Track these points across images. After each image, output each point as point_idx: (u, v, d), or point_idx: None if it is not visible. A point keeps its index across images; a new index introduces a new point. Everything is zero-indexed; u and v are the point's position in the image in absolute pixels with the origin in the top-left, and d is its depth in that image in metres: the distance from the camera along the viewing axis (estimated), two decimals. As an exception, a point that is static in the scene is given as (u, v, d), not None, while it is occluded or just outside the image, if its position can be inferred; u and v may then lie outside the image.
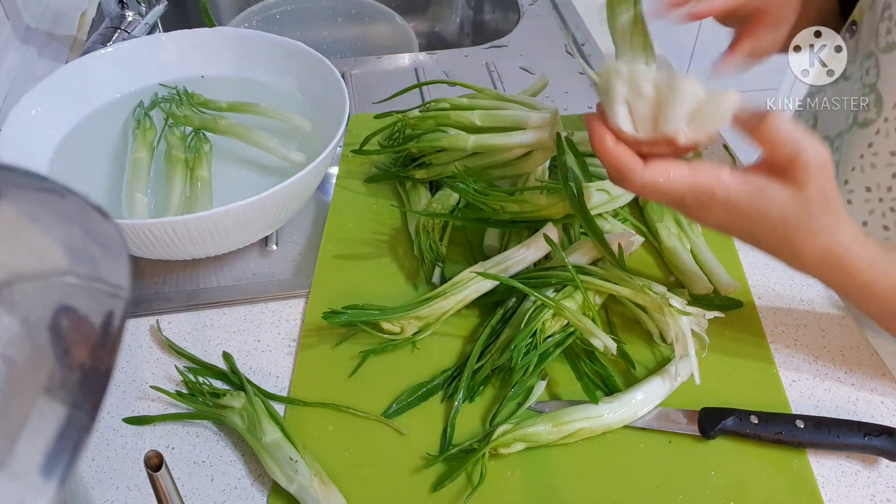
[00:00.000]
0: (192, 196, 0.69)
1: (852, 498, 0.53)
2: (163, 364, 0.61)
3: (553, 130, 0.65)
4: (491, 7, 1.23)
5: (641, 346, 0.61)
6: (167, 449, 0.55)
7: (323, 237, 0.70)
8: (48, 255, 0.26)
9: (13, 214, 0.26)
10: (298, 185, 0.62)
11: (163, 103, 0.77)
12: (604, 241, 0.61)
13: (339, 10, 1.19)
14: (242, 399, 0.55)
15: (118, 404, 0.58)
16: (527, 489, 0.52)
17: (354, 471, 0.53)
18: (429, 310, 0.60)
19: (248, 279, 0.68)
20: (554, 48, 1.02)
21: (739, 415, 0.55)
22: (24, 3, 0.98)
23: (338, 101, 0.71)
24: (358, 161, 0.78)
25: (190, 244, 0.61)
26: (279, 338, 0.63)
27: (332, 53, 1.17)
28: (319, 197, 0.77)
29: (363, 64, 0.97)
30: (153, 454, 0.38)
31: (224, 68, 0.82)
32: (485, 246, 0.68)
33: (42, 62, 0.95)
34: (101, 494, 0.52)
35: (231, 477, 0.53)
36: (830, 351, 0.63)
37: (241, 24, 1.12)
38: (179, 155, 0.71)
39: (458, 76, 0.93)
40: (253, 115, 0.76)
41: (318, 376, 0.59)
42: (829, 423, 0.54)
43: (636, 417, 0.55)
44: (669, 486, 0.52)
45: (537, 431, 0.53)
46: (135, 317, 0.64)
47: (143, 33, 0.93)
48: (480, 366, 0.58)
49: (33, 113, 0.70)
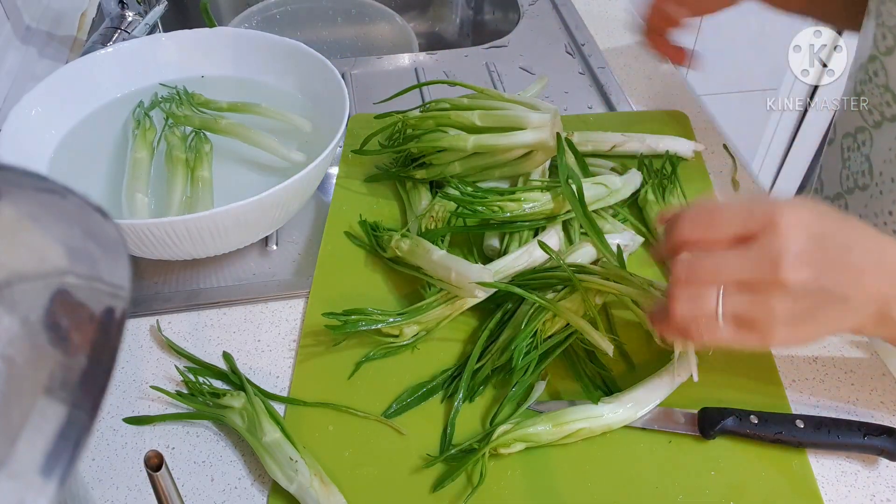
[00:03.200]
0: (193, 196, 0.69)
1: (852, 498, 0.53)
2: (163, 364, 0.61)
3: (553, 130, 0.65)
4: (491, 7, 1.23)
5: (641, 346, 0.61)
6: (167, 449, 0.55)
7: (323, 237, 0.70)
8: (48, 255, 0.26)
9: (13, 214, 0.26)
10: (298, 185, 0.62)
11: (163, 103, 0.77)
12: (604, 240, 0.61)
13: (339, 10, 1.19)
14: (242, 399, 0.55)
15: (118, 404, 0.58)
16: (527, 489, 0.52)
17: (354, 471, 0.53)
18: (428, 315, 0.60)
19: (248, 279, 0.68)
20: (554, 48, 1.01)
21: (739, 415, 0.55)
22: (25, 4, 0.98)
23: (338, 101, 0.71)
24: (358, 161, 0.78)
25: (190, 244, 0.61)
26: (279, 338, 0.63)
27: (332, 53, 1.17)
28: (319, 197, 0.77)
29: (363, 64, 0.97)
30: (153, 454, 0.38)
31: (224, 68, 0.82)
32: (485, 246, 0.68)
33: (42, 62, 0.95)
34: (101, 494, 0.52)
35: (231, 477, 0.53)
36: (830, 351, 0.63)
37: (241, 24, 1.12)
38: (180, 155, 0.71)
39: (458, 76, 0.93)
40: (253, 116, 0.76)
41: (318, 376, 0.59)
42: (828, 423, 0.54)
43: (636, 418, 0.55)
44: (669, 486, 0.52)
45: (537, 431, 0.53)
46: (135, 317, 0.64)
47: (143, 33, 0.93)
48: (480, 366, 0.58)
49: (33, 113, 0.70)
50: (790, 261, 0.41)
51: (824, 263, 0.42)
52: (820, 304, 0.43)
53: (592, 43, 1.01)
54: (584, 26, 1.05)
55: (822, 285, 0.42)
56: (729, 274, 0.43)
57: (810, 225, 0.42)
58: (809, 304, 0.43)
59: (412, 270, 0.63)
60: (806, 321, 0.43)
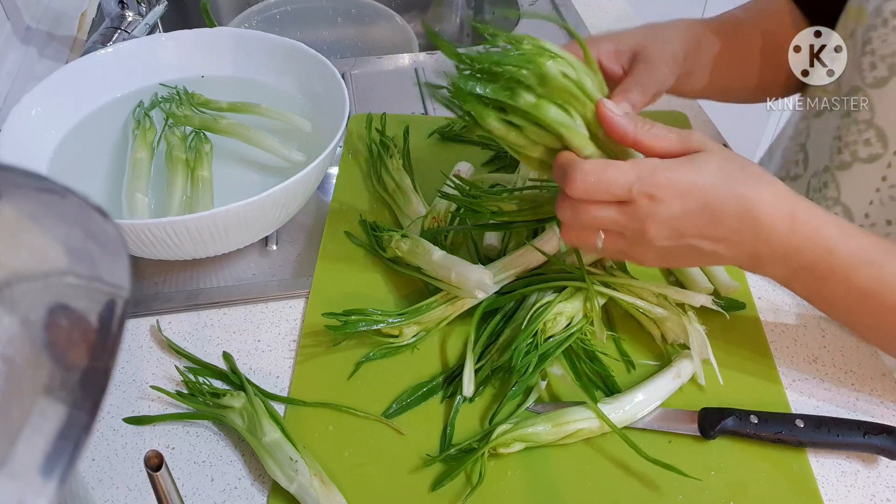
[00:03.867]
0: (193, 196, 0.69)
1: (852, 497, 0.53)
2: (163, 364, 0.61)
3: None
4: (491, 7, 1.23)
5: (641, 346, 0.61)
6: (167, 449, 0.55)
7: (323, 237, 0.70)
8: (48, 255, 0.26)
9: (13, 214, 0.26)
10: (298, 185, 0.62)
11: (163, 103, 0.77)
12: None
13: (339, 10, 1.19)
14: (242, 399, 0.55)
15: (118, 404, 0.58)
16: (526, 489, 0.52)
17: (354, 471, 0.53)
18: (428, 316, 0.60)
19: (248, 279, 0.68)
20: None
21: (739, 415, 0.55)
22: (25, 4, 0.98)
23: (338, 101, 0.71)
24: (358, 161, 0.78)
25: (190, 244, 0.61)
26: (279, 338, 0.63)
27: (332, 53, 1.17)
28: (319, 197, 0.77)
29: (363, 64, 0.97)
30: (153, 454, 0.38)
31: (224, 68, 0.82)
32: (485, 245, 0.68)
33: (42, 62, 0.95)
34: (101, 494, 0.52)
35: (231, 477, 0.53)
36: (830, 351, 0.63)
37: (241, 24, 1.12)
38: (180, 155, 0.71)
39: (458, 76, 0.93)
40: (253, 116, 0.76)
41: (319, 376, 0.59)
42: (828, 422, 0.54)
43: (636, 419, 0.55)
44: (669, 486, 0.52)
45: (537, 431, 0.53)
46: (135, 317, 0.64)
47: (143, 33, 0.93)
48: (480, 366, 0.58)
49: (33, 113, 0.70)
50: (655, 226, 0.48)
51: (691, 232, 0.48)
52: (689, 252, 0.50)
53: (592, 43, 1.01)
54: (585, 26, 1.05)
55: (687, 244, 0.49)
56: (605, 225, 0.49)
57: (680, 202, 0.47)
58: (678, 253, 0.50)
59: (412, 271, 0.63)
60: (677, 260, 0.51)
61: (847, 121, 0.65)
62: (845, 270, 0.50)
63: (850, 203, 0.67)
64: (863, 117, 0.63)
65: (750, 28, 0.70)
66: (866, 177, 0.64)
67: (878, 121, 0.62)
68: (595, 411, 0.53)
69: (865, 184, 0.65)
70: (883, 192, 0.64)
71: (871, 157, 0.63)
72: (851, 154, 0.65)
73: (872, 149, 0.63)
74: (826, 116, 0.70)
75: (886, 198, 0.64)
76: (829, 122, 0.70)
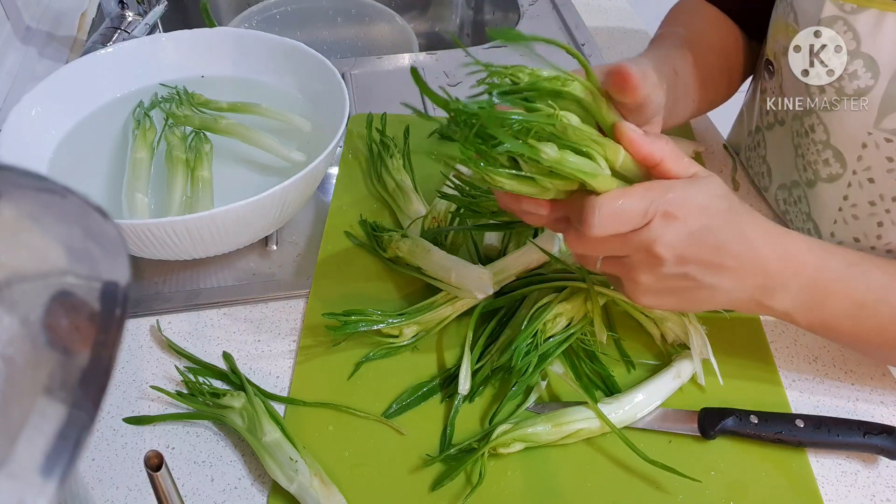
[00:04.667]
0: (193, 196, 0.69)
1: (852, 497, 0.53)
2: (163, 364, 0.61)
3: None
4: (491, 7, 1.23)
5: (642, 346, 0.61)
6: (167, 449, 0.55)
7: (323, 237, 0.70)
8: (48, 255, 0.26)
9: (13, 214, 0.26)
10: (298, 185, 0.62)
11: (163, 103, 0.77)
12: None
13: (339, 10, 1.19)
14: (242, 399, 0.55)
15: (118, 404, 0.58)
16: (526, 489, 0.52)
17: (354, 471, 0.53)
18: (428, 316, 0.60)
19: (248, 279, 0.68)
20: (554, 48, 1.01)
21: (739, 415, 0.55)
22: (25, 4, 0.98)
23: (338, 101, 0.71)
24: (358, 161, 0.78)
25: (190, 244, 0.61)
26: (279, 338, 0.63)
27: (332, 53, 1.17)
28: (319, 197, 0.77)
29: (363, 64, 0.97)
30: (153, 454, 0.38)
31: (224, 68, 0.82)
32: (485, 245, 0.68)
33: (42, 62, 0.95)
34: (101, 494, 0.52)
35: (231, 477, 0.54)
36: (830, 351, 0.63)
37: (241, 24, 1.12)
38: (180, 155, 0.71)
39: (458, 76, 0.93)
40: (253, 116, 0.76)
41: (319, 376, 0.59)
42: (829, 422, 0.54)
43: (636, 419, 0.55)
44: (669, 486, 0.52)
45: (537, 431, 0.53)
46: (135, 317, 0.64)
47: (143, 33, 0.93)
48: (480, 366, 0.58)
49: (33, 113, 0.70)
50: (661, 247, 0.46)
51: (694, 258, 0.47)
52: (685, 287, 0.49)
53: (592, 43, 1.01)
54: (584, 26, 1.05)
55: (687, 273, 0.47)
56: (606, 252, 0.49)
57: (691, 221, 0.46)
58: (674, 284, 0.48)
59: (412, 271, 0.63)
60: (668, 295, 0.49)
61: (806, 140, 0.65)
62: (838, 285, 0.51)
63: (818, 220, 0.67)
64: (819, 138, 0.63)
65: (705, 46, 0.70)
66: (829, 196, 0.64)
67: (835, 142, 0.62)
68: (595, 411, 0.53)
69: (829, 203, 0.65)
70: (846, 212, 0.64)
71: (830, 176, 0.63)
72: (814, 173, 0.65)
73: (832, 168, 0.63)
74: (777, 129, 0.71)
75: (849, 216, 0.64)
76: (779, 134, 0.70)
